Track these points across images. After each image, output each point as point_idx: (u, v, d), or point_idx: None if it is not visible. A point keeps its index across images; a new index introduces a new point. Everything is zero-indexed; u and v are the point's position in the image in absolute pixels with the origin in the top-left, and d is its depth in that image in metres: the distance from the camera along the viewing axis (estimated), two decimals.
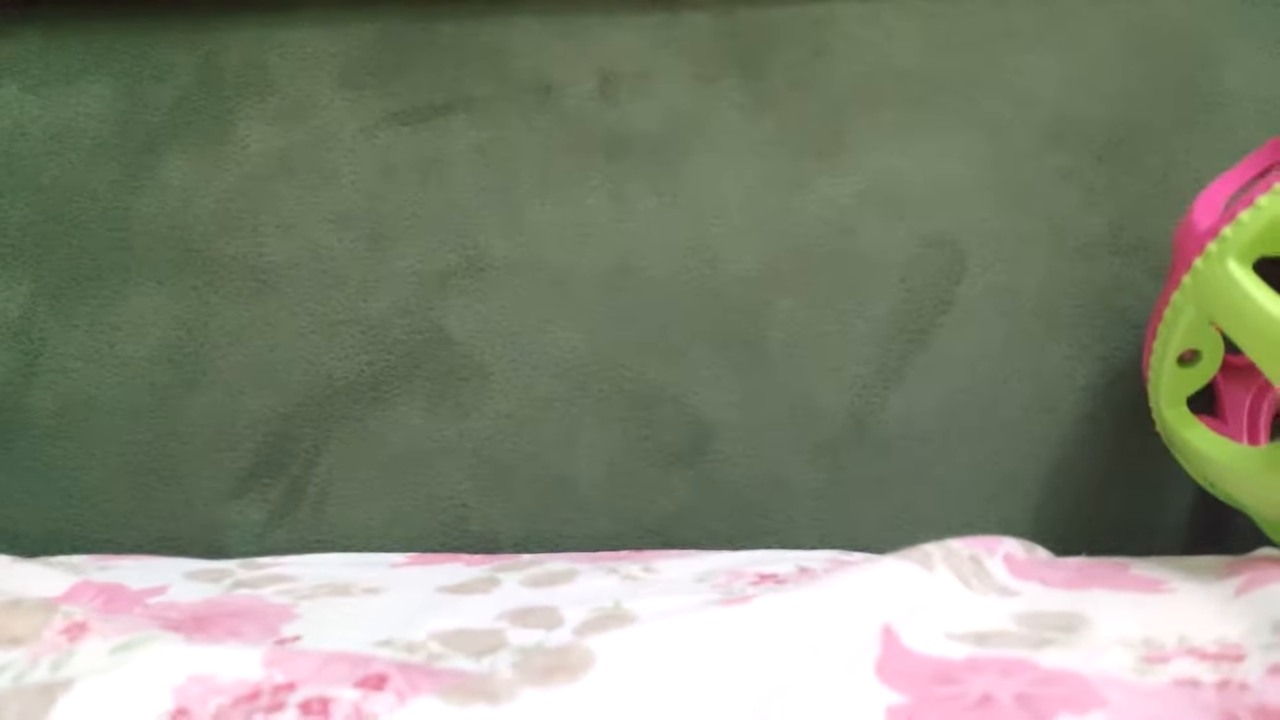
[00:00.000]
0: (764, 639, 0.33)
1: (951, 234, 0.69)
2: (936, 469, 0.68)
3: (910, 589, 0.45)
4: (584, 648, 0.29)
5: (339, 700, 0.29)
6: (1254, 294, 0.48)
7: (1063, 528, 0.67)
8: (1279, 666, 0.37)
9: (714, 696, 0.30)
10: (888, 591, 0.43)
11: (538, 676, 0.27)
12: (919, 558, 0.48)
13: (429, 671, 0.32)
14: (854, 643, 0.37)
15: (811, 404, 0.69)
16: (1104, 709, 0.33)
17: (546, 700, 0.26)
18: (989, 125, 0.70)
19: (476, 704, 0.25)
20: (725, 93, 0.71)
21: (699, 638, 0.32)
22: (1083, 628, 0.43)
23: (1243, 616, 0.43)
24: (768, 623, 0.35)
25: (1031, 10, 0.70)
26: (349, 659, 0.33)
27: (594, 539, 0.68)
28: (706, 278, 0.70)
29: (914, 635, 0.40)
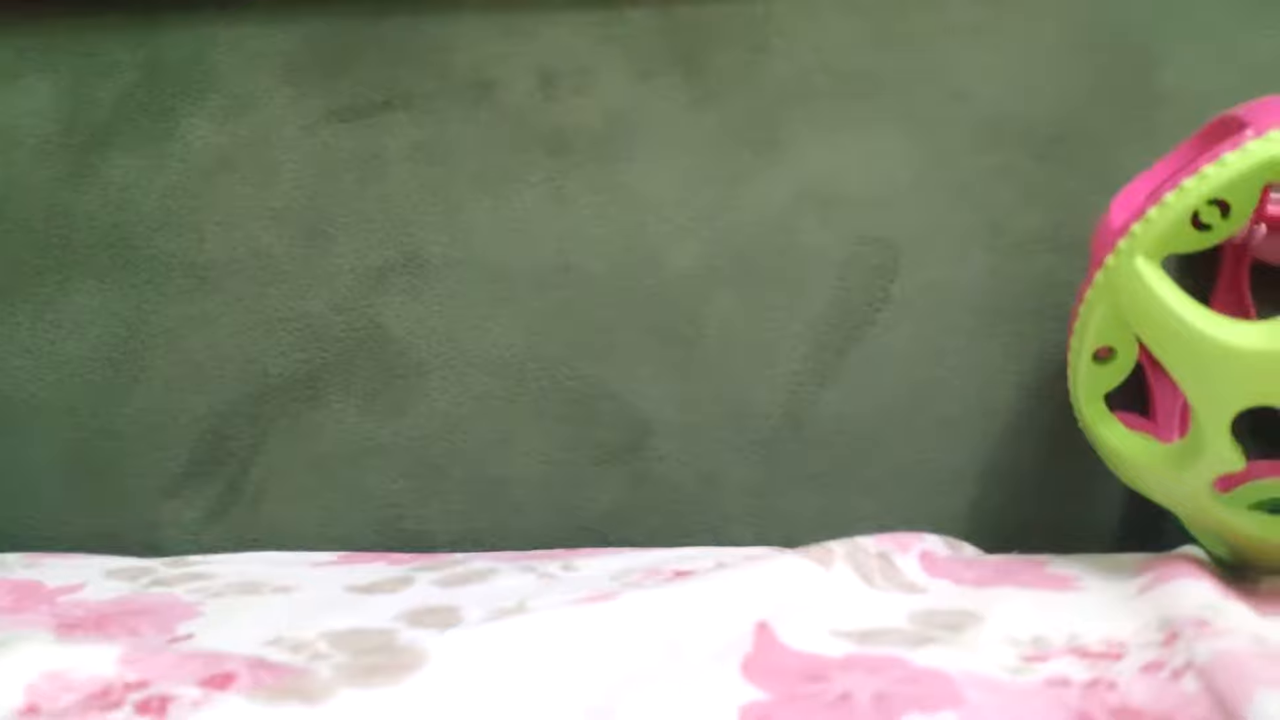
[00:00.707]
0: (618, 636, 0.33)
1: (888, 232, 0.69)
2: (871, 466, 0.67)
3: (801, 586, 0.45)
4: (418, 647, 0.29)
5: (180, 699, 0.29)
6: (1159, 291, 0.47)
7: (997, 525, 0.66)
8: (1153, 665, 0.37)
9: (548, 696, 0.29)
10: (771, 588, 0.43)
11: (360, 676, 0.26)
12: (818, 555, 0.47)
13: (281, 670, 0.32)
14: (723, 640, 0.37)
15: (748, 401, 0.68)
16: (957, 708, 0.32)
17: (363, 700, 0.26)
18: (927, 123, 0.69)
19: (288, 703, 0.25)
20: (665, 90, 0.71)
21: (542, 636, 0.31)
22: (973, 626, 0.43)
23: (1137, 615, 0.43)
24: (626, 620, 0.34)
25: (971, 7, 0.70)
26: (204, 658, 0.33)
27: (529, 538, 0.68)
28: (645, 275, 0.70)
29: (794, 632, 0.40)
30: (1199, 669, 0.34)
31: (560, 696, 0.29)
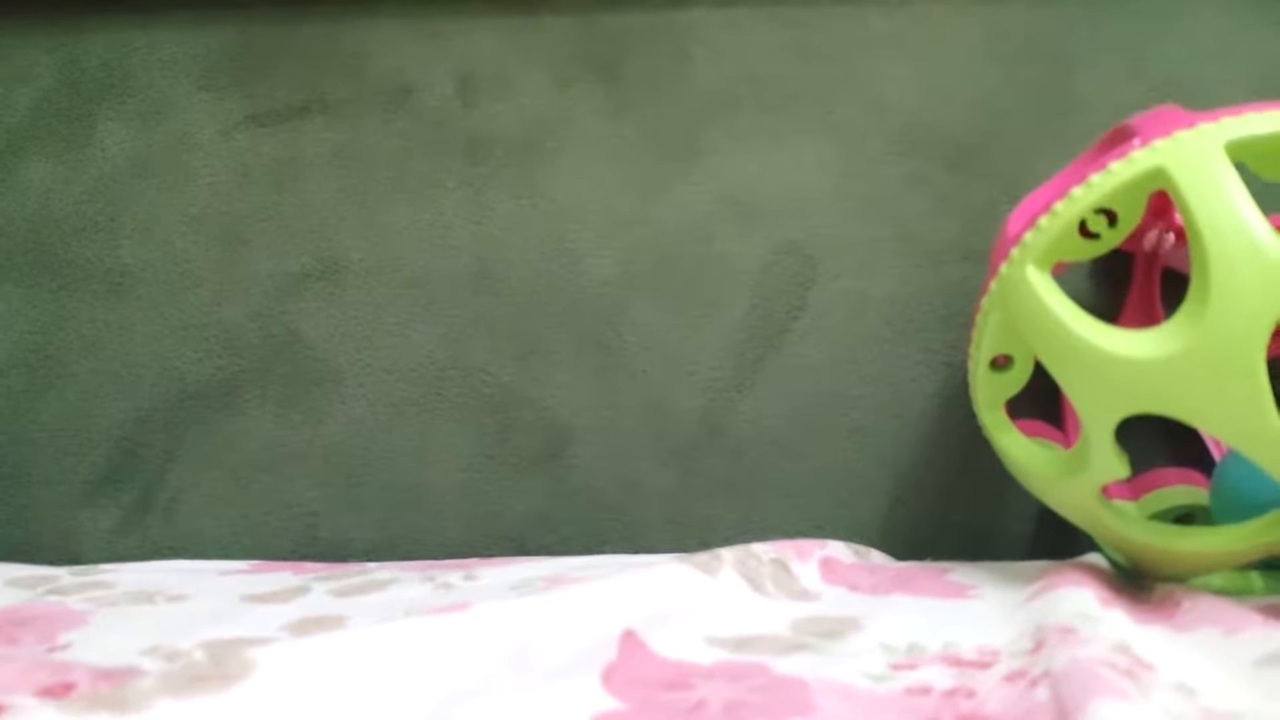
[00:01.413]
0: (460, 647, 0.33)
1: (804, 241, 0.69)
2: (787, 472, 0.68)
3: (681, 593, 0.45)
4: (247, 657, 0.28)
5: (14, 707, 0.29)
6: (1046, 300, 0.48)
7: (911, 532, 0.67)
8: (1016, 674, 0.37)
9: (374, 708, 0.29)
10: (647, 596, 0.43)
11: (182, 686, 0.26)
12: (704, 563, 0.47)
13: (120, 678, 0.31)
14: (583, 649, 0.37)
15: (666, 408, 0.68)
16: (806, 716, 0.32)
17: (181, 711, 0.25)
18: (843, 132, 0.70)
19: (98, 713, 0.24)
20: (584, 97, 0.71)
21: (376, 648, 0.31)
22: (851, 633, 0.43)
23: (1016, 623, 0.43)
24: (471, 631, 0.34)
25: (889, 18, 0.70)
26: (51, 667, 0.32)
27: (446, 546, 0.68)
28: (564, 281, 0.70)
29: (666, 640, 0.40)
30: (1053, 677, 0.34)
31: (386, 709, 0.29)
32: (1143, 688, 0.33)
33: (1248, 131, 0.45)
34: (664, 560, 0.47)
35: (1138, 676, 0.34)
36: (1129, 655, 0.38)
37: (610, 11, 0.71)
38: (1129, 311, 0.66)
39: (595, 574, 0.47)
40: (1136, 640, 0.40)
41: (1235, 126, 0.45)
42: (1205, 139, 0.45)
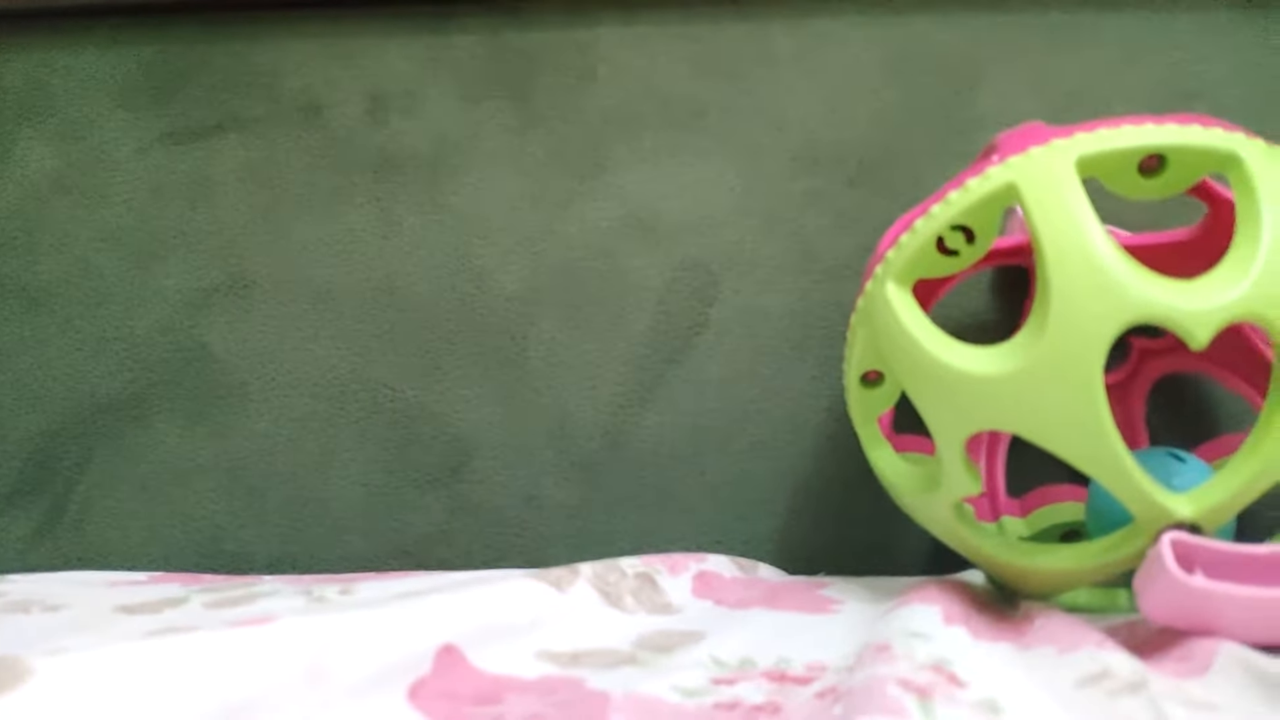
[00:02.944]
0: (253, 661, 0.33)
1: (706, 257, 0.69)
2: (688, 487, 0.68)
3: (522, 608, 0.45)
4: (22, 664, 0.28)
5: None
6: (901, 316, 0.48)
7: (808, 546, 0.67)
8: (826, 691, 0.37)
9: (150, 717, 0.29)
10: (480, 610, 0.43)
11: None
12: (556, 577, 0.47)
13: None
14: (393, 662, 0.37)
15: (569, 423, 0.69)
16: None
17: None
18: (746, 150, 0.70)
19: None
20: (491, 114, 0.71)
21: (167, 658, 0.31)
22: (689, 647, 0.43)
23: (855, 640, 0.43)
24: (269, 644, 0.34)
25: (792, 35, 0.71)
26: None
27: (348, 560, 0.68)
28: (470, 297, 0.70)
29: (494, 654, 0.40)
30: (846, 694, 0.34)
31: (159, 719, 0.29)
32: (929, 706, 0.33)
33: (1099, 147, 0.45)
34: (515, 575, 0.48)
35: (932, 694, 0.34)
36: (942, 673, 0.38)
37: (518, 30, 0.72)
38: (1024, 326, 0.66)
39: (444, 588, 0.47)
40: (963, 657, 0.40)
41: (1087, 142, 0.45)
42: (1057, 155, 0.45)
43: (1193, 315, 0.41)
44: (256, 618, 0.36)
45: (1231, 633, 0.42)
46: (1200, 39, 0.70)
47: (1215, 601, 0.41)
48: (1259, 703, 0.35)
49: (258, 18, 0.72)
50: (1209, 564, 0.43)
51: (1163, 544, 0.41)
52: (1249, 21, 0.70)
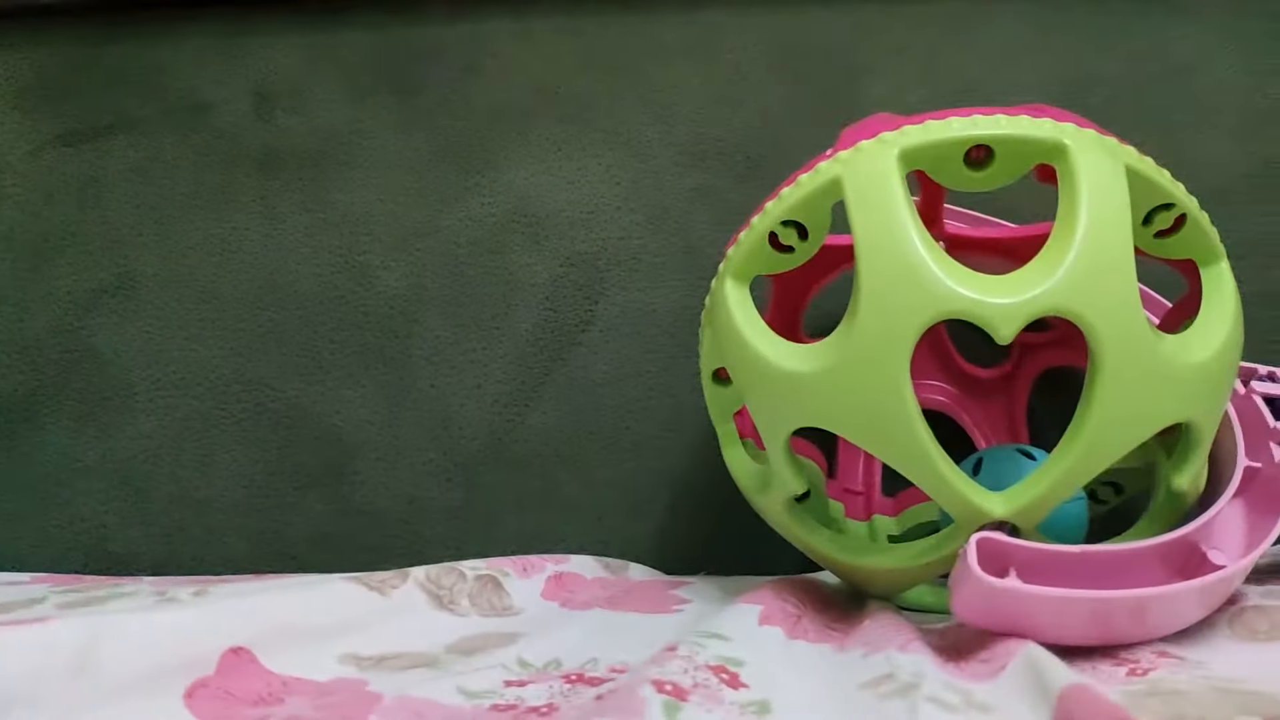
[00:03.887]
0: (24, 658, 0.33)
1: (592, 253, 0.68)
2: (571, 487, 0.67)
3: (334, 610, 0.44)
4: None
5: None
6: (734, 313, 0.47)
7: (691, 546, 0.66)
8: (610, 693, 0.36)
9: None
10: (286, 612, 0.42)
11: None
12: (379, 580, 0.47)
13: None
14: (176, 664, 0.36)
15: (452, 423, 0.68)
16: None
17: None
18: (633, 144, 0.69)
19: None
20: (377, 110, 0.71)
21: None
22: (495, 650, 0.43)
23: (661, 642, 0.42)
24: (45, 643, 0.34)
25: (680, 28, 0.70)
26: None
27: (230, 562, 0.68)
28: (353, 295, 0.69)
29: (289, 656, 0.39)
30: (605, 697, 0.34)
31: None
32: (677, 708, 0.32)
33: (922, 140, 0.44)
34: (337, 579, 0.47)
35: (688, 696, 0.33)
36: (724, 673, 0.37)
37: (405, 25, 0.71)
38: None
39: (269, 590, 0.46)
40: (759, 658, 0.39)
41: (912, 135, 0.44)
42: (881, 149, 0.44)
43: (998, 310, 0.40)
44: (34, 618, 0.36)
45: (1045, 633, 0.41)
46: (1094, 27, 0.69)
47: (1023, 602, 0.40)
48: (1031, 709, 0.34)
49: (147, 17, 0.72)
50: (1025, 564, 0.42)
51: (969, 544, 0.40)
52: (1143, 10, 0.69)
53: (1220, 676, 0.39)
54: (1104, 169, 0.42)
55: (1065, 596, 0.40)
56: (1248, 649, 0.43)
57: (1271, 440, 0.50)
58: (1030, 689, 0.35)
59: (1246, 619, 0.45)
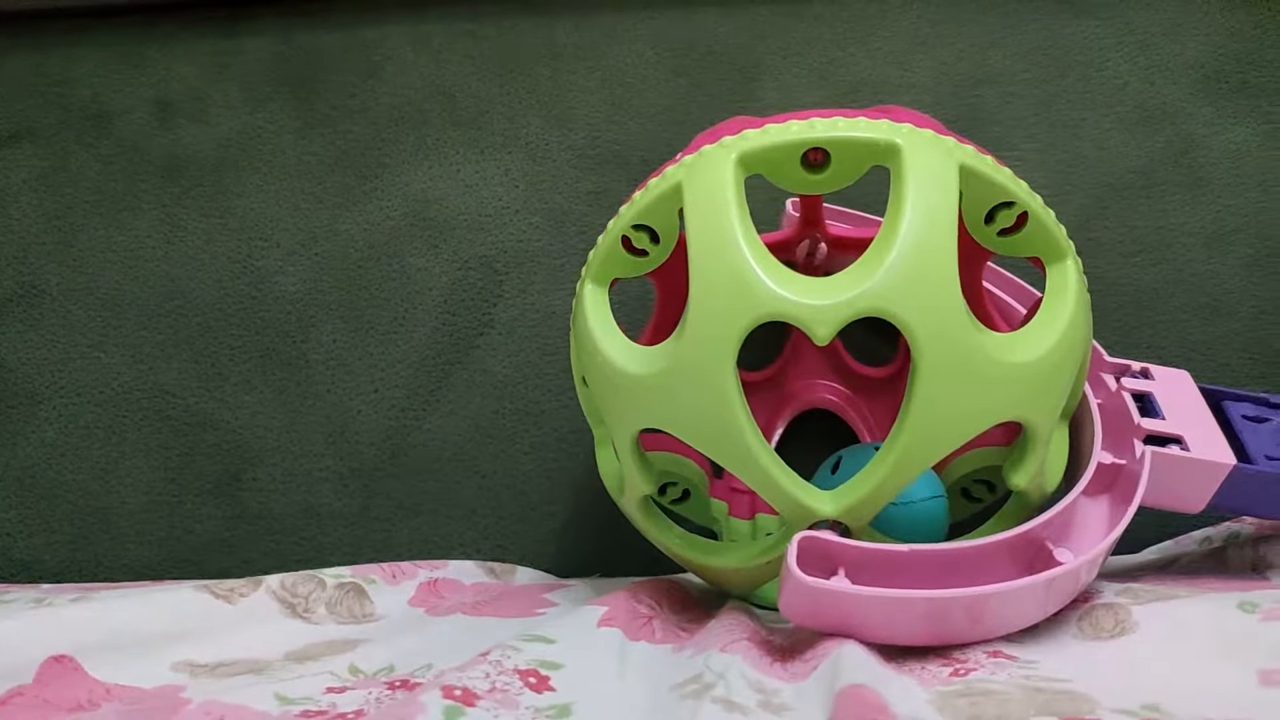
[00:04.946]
0: None
1: (491, 256, 0.69)
2: (468, 492, 0.67)
3: (174, 618, 0.44)
4: None
5: None
6: (589, 316, 0.47)
7: (586, 549, 0.66)
8: (385, 701, 0.37)
9: None
10: (120, 620, 0.43)
11: None
12: (228, 589, 0.47)
13: None
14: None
15: (350, 428, 0.68)
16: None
17: None
18: (530, 147, 0.69)
19: None
20: (277, 116, 0.71)
21: None
22: (331, 657, 0.43)
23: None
24: None
25: (576, 32, 0.70)
26: None
27: (131, 569, 0.68)
28: (252, 300, 0.70)
29: (118, 665, 0.40)
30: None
31: None
32: (462, 712, 0.32)
33: (760, 144, 0.44)
34: (185, 587, 0.47)
35: (476, 701, 0.33)
36: (534, 677, 0.37)
37: (305, 30, 0.71)
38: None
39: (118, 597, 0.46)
40: (584, 661, 0.39)
41: (752, 139, 0.44)
42: (720, 154, 0.44)
43: (816, 312, 0.40)
44: None
45: (877, 633, 0.41)
46: (989, 25, 0.69)
47: (847, 602, 0.40)
48: (823, 709, 0.34)
49: (50, 28, 0.72)
50: (854, 563, 0.42)
51: (790, 545, 0.40)
52: (1037, 6, 0.69)
53: (1044, 676, 0.39)
54: (935, 169, 0.42)
55: (887, 596, 0.40)
56: (1089, 647, 0.43)
57: (1135, 437, 0.50)
58: (827, 690, 0.35)
59: (1095, 617, 0.45)
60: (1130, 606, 0.44)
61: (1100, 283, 0.66)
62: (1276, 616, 0.40)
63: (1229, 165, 0.67)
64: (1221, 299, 0.65)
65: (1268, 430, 0.54)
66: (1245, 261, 0.66)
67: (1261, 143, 0.67)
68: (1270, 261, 0.65)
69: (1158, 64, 0.68)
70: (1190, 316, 0.65)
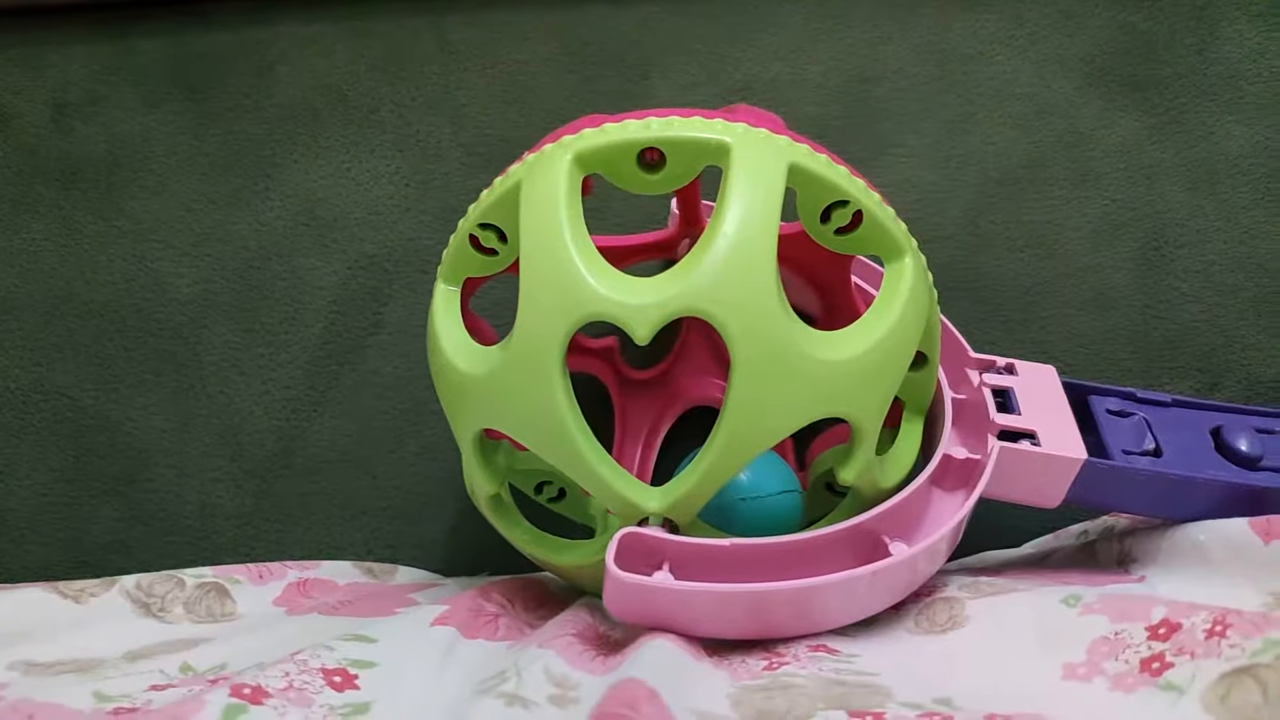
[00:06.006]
0: None
1: (381, 255, 0.69)
2: (359, 492, 0.67)
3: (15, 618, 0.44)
4: None
5: None
6: (435, 315, 0.48)
7: (477, 549, 0.66)
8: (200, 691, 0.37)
9: None
10: None
11: None
12: (80, 588, 0.47)
13: None
14: None
15: (243, 429, 0.68)
16: None
17: None
18: (421, 145, 0.69)
19: None
20: (171, 117, 0.71)
21: None
22: (165, 656, 0.43)
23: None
24: None
25: (466, 28, 0.70)
26: None
27: (29, 570, 0.68)
28: (146, 302, 0.70)
29: None
30: None
31: None
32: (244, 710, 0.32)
33: (595, 143, 0.44)
34: (32, 587, 0.47)
35: (266, 699, 0.34)
36: (342, 675, 0.37)
37: (198, 31, 0.71)
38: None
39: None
40: (403, 660, 0.40)
41: (588, 139, 0.44)
42: (559, 152, 0.44)
43: (634, 311, 0.40)
44: None
45: (704, 628, 0.42)
46: (879, 20, 0.69)
47: (665, 597, 0.40)
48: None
49: None
50: (678, 559, 0.42)
51: (612, 541, 0.40)
52: (927, 0, 0.69)
53: (856, 670, 0.39)
54: (761, 168, 0.42)
55: (706, 591, 0.40)
56: (919, 641, 0.43)
57: (990, 432, 0.50)
58: (612, 683, 0.35)
59: (933, 611, 0.45)
60: (966, 601, 0.44)
61: (987, 278, 0.66)
62: (1095, 611, 0.40)
63: (1117, 159, 0.67)
64: (1108, 293, 0.65)
65: (1129, 425, 0.54)
66: (1132, 255, 0.66)
67: (1150, 136, 0.67)
68: (1157, 255, 0.66)
69: (1047, 58, 0.68)
70: (1076, 310, 0.65)
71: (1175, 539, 0.48)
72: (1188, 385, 0.64)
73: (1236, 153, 0.67)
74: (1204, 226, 0.66)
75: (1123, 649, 0.37)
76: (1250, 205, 0.66)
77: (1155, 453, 0.52)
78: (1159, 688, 0.34)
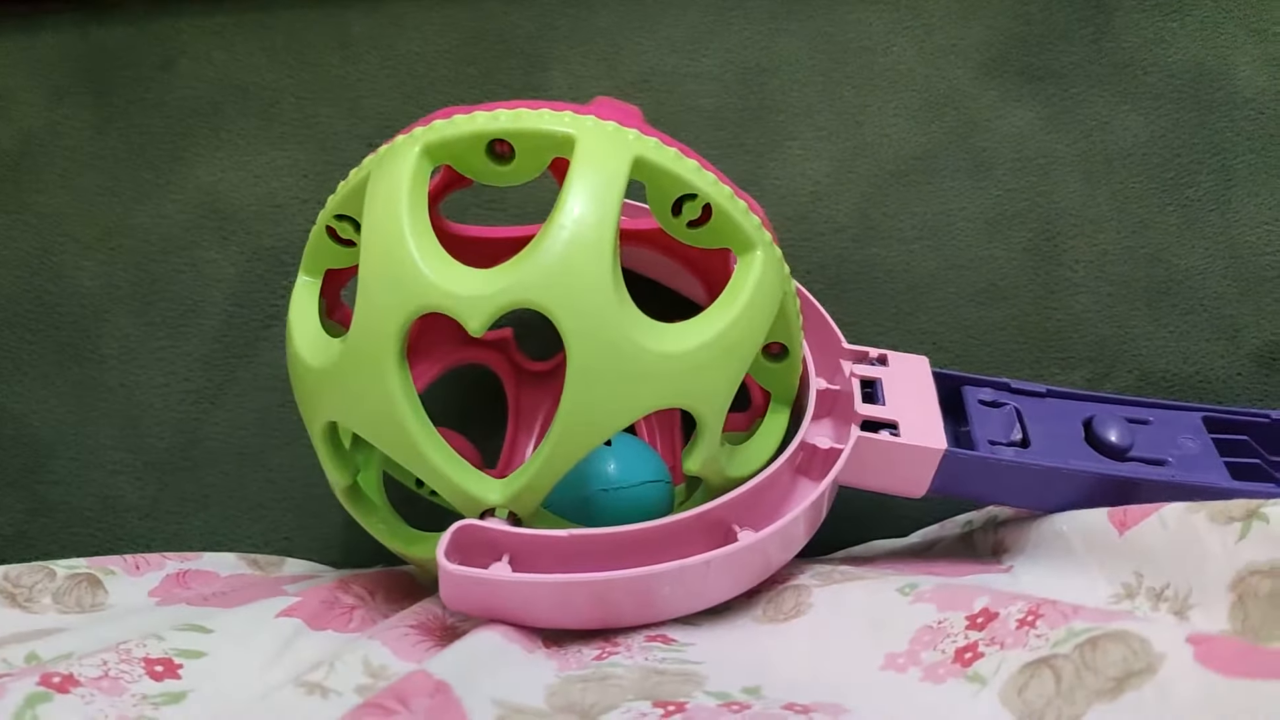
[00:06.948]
0: None
1: (279, 247, 0.69)
2: (256, 485, 0.67)
3: None
4: None
5: None
6: (292, 307, 0.48)
7: (371, 545, 0.66)
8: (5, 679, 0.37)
9: None
10: None
11: None
12: None
13: None
14: None
15: (143, 421, 0.68)
16: None
17: None
18: (320, 137, 0.69)
19: None
20: (74, 110, 0.71)
21: None
22: (17, 644, 0.43)
23: None
24: None
25: (365, 19, 0.70)
26: None
27: None
28: (49, 295, 0.70)
29: None
30: None
31: None
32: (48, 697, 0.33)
33: (444, 135, 0.44)
34: None
35: (75, 687, 0.34)
36: (165, 665, 0.38)
37: (101, 25, 0.71)
38: None
39: None
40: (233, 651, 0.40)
41: (438, 130, 0.45)
42: (409, 144, 0.45)
43: (468, 303, 0.40)
44: None
45: (546, 618, 0.42)
46: (774, 11, 0.69)
47: (499, 590, 0.41)
48: None
49: None
50: (518, 550, 0.42)
51: (445, 534, 0.41)
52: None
53: (682, 659, 0.40)
54: (603, 161, 0.42)
55: (540, 582, 0.41)
56: (758, 630, 0.44)
57: (854, 423, 0.51)
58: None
59: (781, 599, 0.45)
60: (814, 589, 0.45)
61: (879, 269, 0.66)
62: (926, 600, 0.40)
63: (1011, 149, 0.67)
64: (999, 283, 0.66)
65: (999, 415, 0.54)
66: (1025, 245, 0.66)
67: (1044, 126, 0.67)
68: (1049, 245, 0.66)
69: (942, 48, 0.68)
70: (968, 301, 0.66)
71: (1042, 530, 0.49)
72: (1079, 376, 0.65)
73: (1131, 142, 0.67)
74: (1097, 216, 0.66)
75: (942, 638, 0.37)
76: (1144, 195, 0.66)
77: (1023, 443, 0.52)
78: (966, 679, 0.35)
